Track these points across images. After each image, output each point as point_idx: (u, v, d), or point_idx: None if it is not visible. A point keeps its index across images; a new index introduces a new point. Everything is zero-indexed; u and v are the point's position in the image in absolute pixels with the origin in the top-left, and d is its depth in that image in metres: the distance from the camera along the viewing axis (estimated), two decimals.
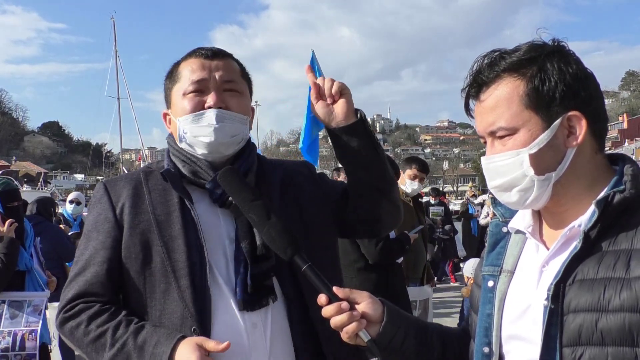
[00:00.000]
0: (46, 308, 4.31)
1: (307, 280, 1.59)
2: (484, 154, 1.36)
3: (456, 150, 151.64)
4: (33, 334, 4.04)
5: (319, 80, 1.71)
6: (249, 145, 1.79)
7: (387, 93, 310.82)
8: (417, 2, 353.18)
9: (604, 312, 1.14)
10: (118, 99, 56.65)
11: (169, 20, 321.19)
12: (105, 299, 1.64)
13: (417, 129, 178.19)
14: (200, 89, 1.70)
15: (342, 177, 8.88)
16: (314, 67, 8.88)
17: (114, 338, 1.56)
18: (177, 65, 1.79)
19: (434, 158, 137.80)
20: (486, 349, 1.35)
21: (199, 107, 1.69)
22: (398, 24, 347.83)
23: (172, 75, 1.78)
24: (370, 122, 1.81)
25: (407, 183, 5.40)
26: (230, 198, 1.64)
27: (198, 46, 1.80)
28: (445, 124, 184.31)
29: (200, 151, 1.70)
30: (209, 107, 1.68)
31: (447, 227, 12.16)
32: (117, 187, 1.73)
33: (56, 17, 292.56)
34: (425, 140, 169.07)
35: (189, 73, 1.72)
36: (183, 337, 1.54)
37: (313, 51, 8.98)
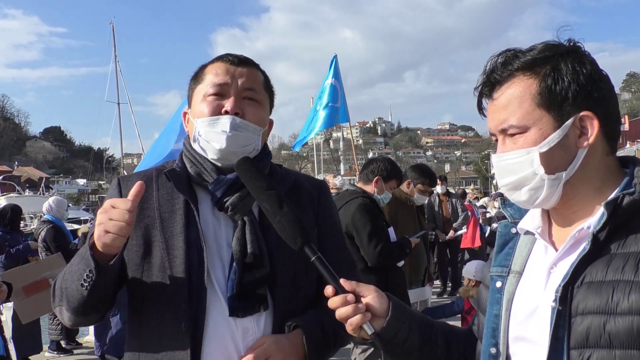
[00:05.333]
0: (0, 314, 4.32)
1: (299, 292, 1.68)
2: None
3: (458, 153, 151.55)
4: None
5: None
6: (263, 155, 1.79)
7: (390, 95, 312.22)
8: (421, 3, 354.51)
9: (612, 314, 1.13)
10: (118, 104, 56.60)
11: (170, 23, 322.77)
12: None
13: (419, 132, 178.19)
14: (220, 92, 1.72)
15: (333, 180, 8.85)
16: (336, 71, 8.88)
17: (71, 263, 1.61)
18: (203, 67, 1.81)
19: (435, 161, 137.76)
20: (493, 350, 1.35)
21: (217, 111, 1.71)
22: (401, 26, 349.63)
23: (197, 77, 1.81)
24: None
25: (416, 196, 5.44)
26: (228, 202, 1.66)
27: (229, 52, 1.82)
28: (447, 126, 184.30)
29: (211, 155, 1.71)
30: (226, 113, 1.70)
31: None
32: (130, 182, 1.73)
33: (57, 21, 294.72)
34: (427, 143, 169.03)
35: (213, 76, 1.74)
36: None
37: (335, 55, 8.99)
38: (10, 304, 5.05)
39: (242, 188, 1.65)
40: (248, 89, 1.74)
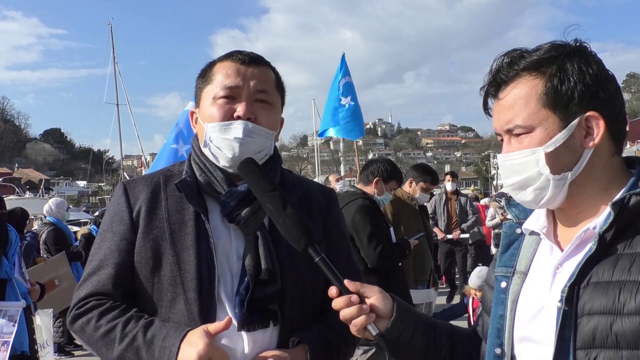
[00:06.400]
0: (32, 315, 4.28)
1: (306, 305, 1.65)
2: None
3: (458, 154, 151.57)
4: (5, 345, 4.02)
5: None
6: (274, 158, 1.76)
7: (390, 96, 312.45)
8: (421, 4, 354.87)
9: (619, 315, 1.13)
10: (117, 105, 56.48)
11: (169, 24, 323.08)
12: (117, 299, 1.64)
13: (419, 133, 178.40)
14: (231, 95, 1.67)
15: (334, 183, 8.82)
16: (347, 69, 8.71)
17: (123, 332, 1.56)
18: (211, 65, 1.75)
19: (435, 162, 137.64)
20: (498, 350, 1.35)
21: (228, 116, 1.66)
22: (401, 26, 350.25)
23: (205, 75, 1.74)
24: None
25: (418, 194, 5.46)
26: (240, 214, 1.63)
27: (236, 49, 1.76)
28: (447, 127, 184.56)
29: (222, 163, 1.68)
30: (238, 117, 1.65)
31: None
32: (137, 188, 1.71)
33: (57, 23, 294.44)
34: (427, 144, 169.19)
35: (223, 77, 1.68)
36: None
37: (344, 54, 8.91)
38: (49, 310, 5.04)
39: (254, 201, 1.62)
40: (260, 91, 1.69)
